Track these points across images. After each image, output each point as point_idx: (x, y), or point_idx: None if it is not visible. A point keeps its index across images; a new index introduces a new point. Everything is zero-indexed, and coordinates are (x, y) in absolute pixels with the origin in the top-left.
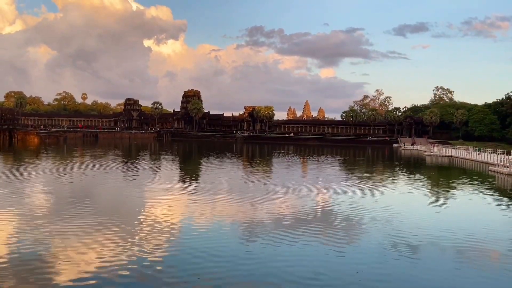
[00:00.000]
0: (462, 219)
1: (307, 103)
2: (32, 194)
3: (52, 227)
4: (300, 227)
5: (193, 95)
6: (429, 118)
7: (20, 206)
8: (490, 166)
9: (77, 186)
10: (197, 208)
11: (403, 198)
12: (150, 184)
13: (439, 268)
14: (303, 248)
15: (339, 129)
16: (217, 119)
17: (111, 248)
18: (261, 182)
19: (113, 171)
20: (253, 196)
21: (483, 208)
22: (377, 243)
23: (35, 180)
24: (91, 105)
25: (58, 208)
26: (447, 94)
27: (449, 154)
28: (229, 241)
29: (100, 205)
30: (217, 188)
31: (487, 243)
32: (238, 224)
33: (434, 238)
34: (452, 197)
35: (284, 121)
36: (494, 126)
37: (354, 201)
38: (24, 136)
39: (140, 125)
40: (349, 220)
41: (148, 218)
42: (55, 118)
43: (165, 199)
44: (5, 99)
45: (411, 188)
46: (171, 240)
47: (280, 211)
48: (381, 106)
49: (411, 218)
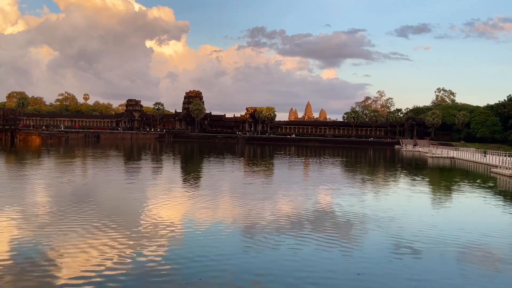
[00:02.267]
0: (464, 220)
1: (309, 104)
2: (33, 194)
3: (53, 227)
4: (301, 228)
5: (194, 96)
6: (431, 119)
7: (21, 206)
8: (492, 168)
9: (78, 186)
10: (199, 209)
11: (405, 199)
12: (152, 184)
13: (441, 270)
14: (305, 250)
15: (340, 130)
16: (218, 120)
17: (112, 248)
18: (263, 183)
19: (114, 171)
20: (255, 197)
21: (485, 210)
22: (379, 244)
23: (36, 180)
24: (93, 106)
25: (59, 208)
26: (449, 95)
27: (451, 156)
28: (231, 242)
29: (101, 206)
30: (219, 189)
31: (489, 244)
32: (240, 225)
33: (435, 239)
34: (453, 199)
35: (286, 122)
36: (496, 128)
37: (356, 202)
38: (26, 137)
39: (142, 125)
40: (350, 221)
41: (150, 219)
42: (57, 118)
43: (167, 200)
44: (7, 99)
45: (413, 190)
46: (173, 240)
47: (281, 212)
48: (383, 108)
49: (413, 220)
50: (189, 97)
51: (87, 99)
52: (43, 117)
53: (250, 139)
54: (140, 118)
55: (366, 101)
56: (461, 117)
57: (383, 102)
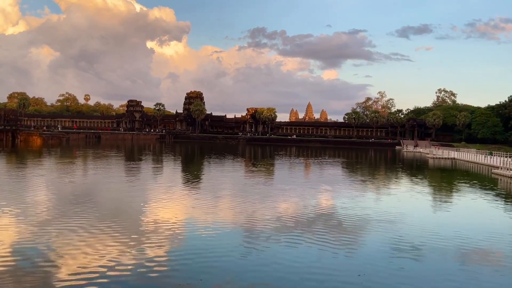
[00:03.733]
0: (465, 221)
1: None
2: (34, 194)
3: (53, 227)
4: (302, 229)
5: (195, 97)
6: (432, 120)
7: (22, 206)
8: (493, 169)
9: (79, 186)
10: (199, 209)
11: (405, 200)
12: (152, 185)
13: (442, 271)
14: (305, 251)
15: (341, 131)
16: (219, 121)
17: (113, 249)
18: (264, 184)
19: (115, 172)
20: (256, 198)
21: (486, 210)
22: (380, 245)
23: (37, 180)
24: (93, 106)
25: (60, 208)
26: (450, 96)
27: (452, 157)
28: (231, 242)
29: (102, 206)
30: (220, 190)
31: (491, 245)
32: (240, 226)
33: (436, 240)
34: (455, 200)
35: (287, 123)
36: (497, 129)
37: (357, 203)
38: (27, 137)
39: (143, 126)
40: (351, 222)
41: (150, 219)
42: (57, 119)
43: (167, 200)
44: (8, 100)
45: (414, 191)
46: (173, 240)
47: (282, 213)
48: (384, 108)
49: (414, 221)
50: (190, 97)
51: (88, 100)
52: (44, 117)
53: (251, 140)
54: (141, 119)
55: (367, 101)
56: (462, 118)
57: (384, 102)
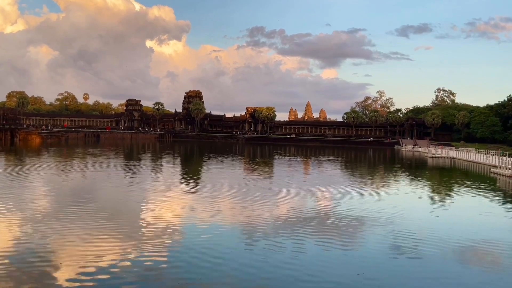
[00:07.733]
0: (464, 221)
1: (309, 104)
2: (33, 194)
3: (52, 227)
4: (301, 229)
5: (194, 96)
6: (431, 119)
7: (21, 206)
8: (492, 168)
9: (78, 186)
10: (199, 209)
11: (404, 199)
12: (152, 184)
13: (441, 270)
14: (305, 250)
15: (340, 131)
16: (218, 120)
17: (112, 248)
18: (263, 183)
19: (114, 171)
20: (254, 197)
21: (485, 210)
22: (379, 244)
23: (37, 180)
24: (92, 106)
25: (58, 207)
26: (449, 95)
27: (451, 156)
28: (231, 242)
29: (101, 205)
30: (220, 189)
31: (490, 244)
32: (240, 226)
33: (435, 239)
34: (453, 199)
35: (286, 122)
36: (496, 128)
37: (355, 202)
38: (26, 136)
39: (142, 125)
40: (350, 221)
41: (150, 218)
42: (57, 118)
43: (167, 200)
44: (7, 99)
45: (413, 190)
46: (173, 240)
47: (281, 212)
48: (383, 108)
49: (413, 220)
50: (189, 97)
51: (87, 99)
52: (43, 116)
53: (250, 139)
54: (140, 118)
55: (366, 101)
56: (461, 117)
57: (383, 102)
